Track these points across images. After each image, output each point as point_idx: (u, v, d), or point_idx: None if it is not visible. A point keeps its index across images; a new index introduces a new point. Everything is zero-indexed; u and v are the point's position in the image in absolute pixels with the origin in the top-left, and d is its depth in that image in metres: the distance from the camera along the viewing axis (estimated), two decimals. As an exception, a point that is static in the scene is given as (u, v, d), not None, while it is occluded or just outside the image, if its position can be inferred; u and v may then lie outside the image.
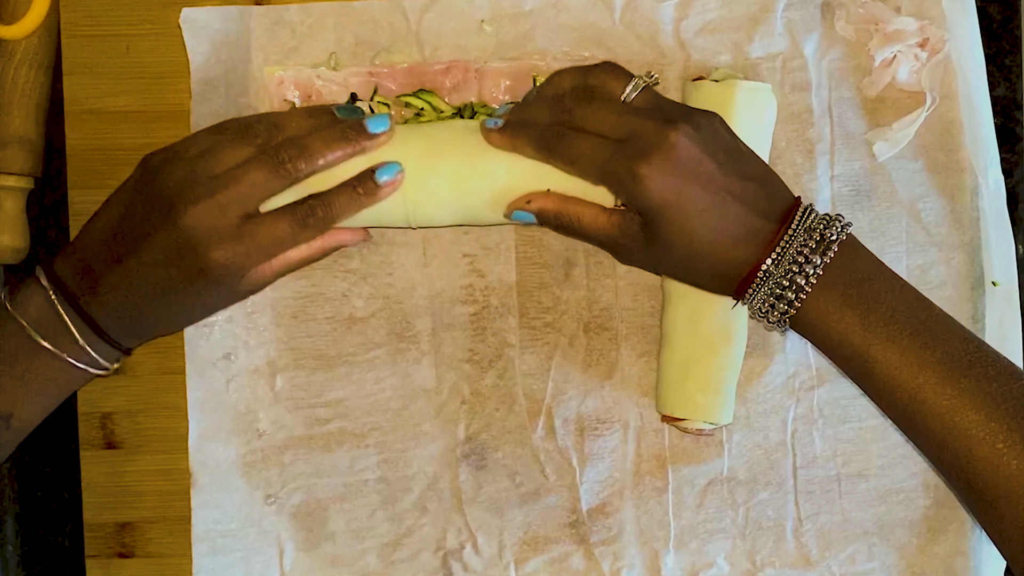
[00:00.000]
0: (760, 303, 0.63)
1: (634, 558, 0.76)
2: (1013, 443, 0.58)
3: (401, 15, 0.75)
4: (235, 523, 0.75)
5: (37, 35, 0.75)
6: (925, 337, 0.61)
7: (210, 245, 0.64)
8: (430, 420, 0.75)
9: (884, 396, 0.62)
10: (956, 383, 0.59)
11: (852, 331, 0.61)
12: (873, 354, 0.61)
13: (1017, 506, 0.58)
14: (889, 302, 0.62)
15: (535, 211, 0.67)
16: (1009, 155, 0.77)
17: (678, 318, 0.72)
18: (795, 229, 0.62)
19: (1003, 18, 0.78)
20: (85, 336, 0.66)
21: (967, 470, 0.59)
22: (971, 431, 0.59)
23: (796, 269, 0.61)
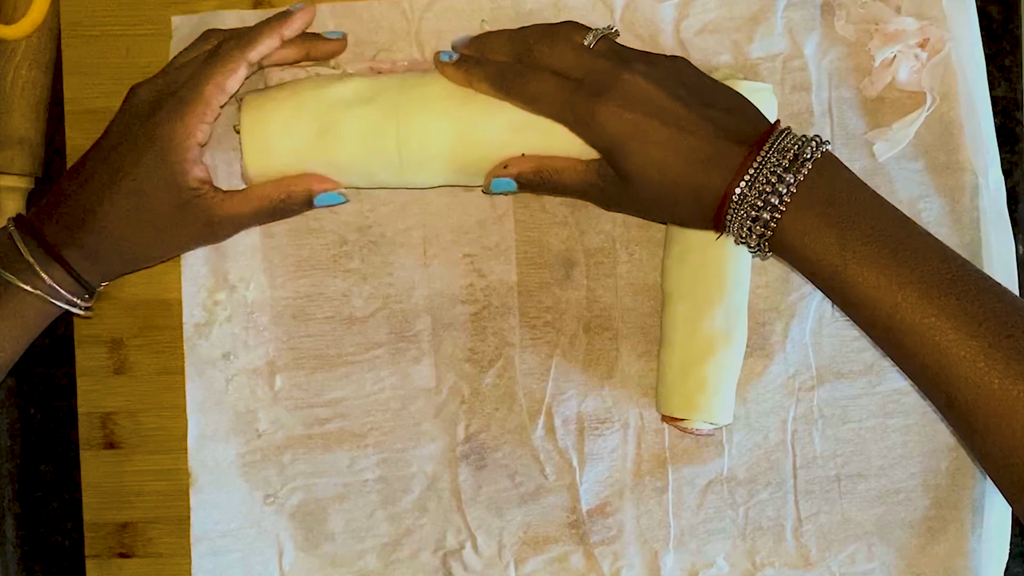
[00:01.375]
0: (739, 228, 0.62)
1: (634, 558, 0.76)
2: (994, 361, 0.57)
3: (401, 15, 0.75)
4: (234, 523, 0.76)
5: (37, 35, 0.75)
6: (905, 255, 0.59)
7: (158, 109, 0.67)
8: (430, 420, 0.75)
9: (864, 316, 0.61)
10: (936, 302, 0.58)
11: (830, 250, 0.60)
12: (851, 273, 0.60)
13: (999, 425, 0.57)
14: (868, 220, 0.61)
15: (514, 175, 0.68)
16: (1009, 155, 0.77)
17: (678, 318, 0.72)
18: (768, 151, 0.61)
19: (1003, 18, 0.78)
20: (45, 267, 0.66)
21: (948, 390, 0.58)
22: (952, 350, 0.57)
23: (769, 189, 0.61)
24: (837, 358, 0.75)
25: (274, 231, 0.75)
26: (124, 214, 0.67)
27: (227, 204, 0.68)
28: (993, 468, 0.59)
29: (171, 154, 0.66)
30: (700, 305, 0.71)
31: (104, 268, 0.69)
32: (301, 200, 0.69)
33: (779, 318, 0.75)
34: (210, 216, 0.68)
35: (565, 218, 0.75)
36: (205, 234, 0.70)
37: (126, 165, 0.66)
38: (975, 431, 0.58)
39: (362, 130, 0.68)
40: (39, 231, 0.67)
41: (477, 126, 0.68)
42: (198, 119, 0.67)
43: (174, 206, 0.67)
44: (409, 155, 0.68)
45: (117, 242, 0.68)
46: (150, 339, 0.76)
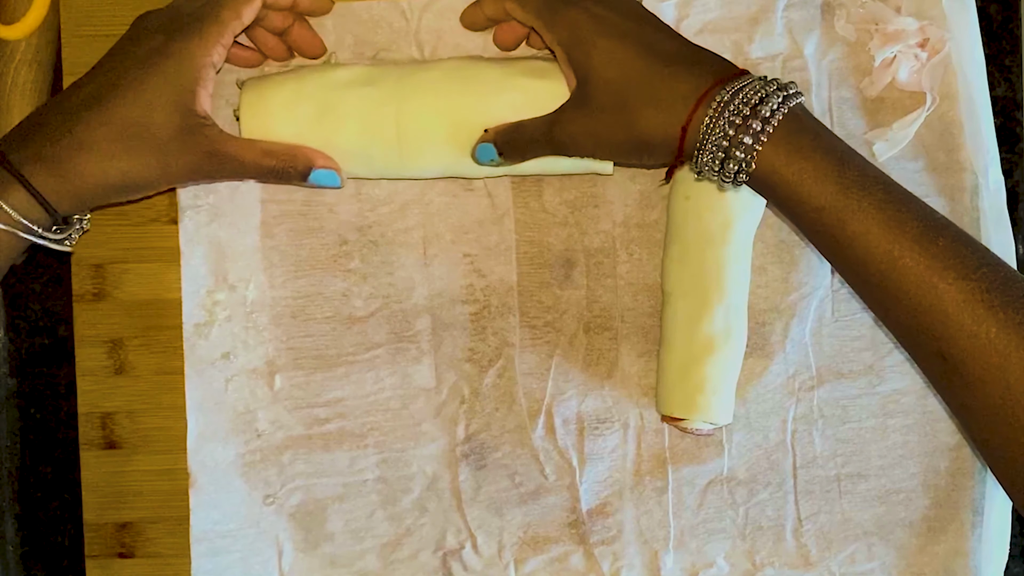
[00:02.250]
0: (712, 150, 0.59)
1: (634, 558, 0.76)
2: (992, 307, 0.55)
3: (400, 15, 0.75)
4: (234, 523, 0.76)
5: (37, 35, 0.75)
6: (899, 195, 0.58)
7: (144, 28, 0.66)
8: (430, 420, 0.75)
9: (857, 255, 0.58)
10: (934, 242, 0.56)
11: (827, 177, 0.57)
12: (850, 203, 0.57)
13: (993, 378, 0.55)
14: (858, 158, 0.59)
15: (491, 139, 0.67)
16: (1009, 155, 0.77)
17: (678, 318, 0.72)
18: (747, 77, 0.60)
19: (1003, 18, 0.78)
20: (5, 194, 0.62)
21: (943, 338, 0.56)
22: (949, 293, 0.55)
23: (759, 100, 0.58)
24: (837, 358, 0.75)
25: (274, 231, 0.75)
26: (118, 127, 0.63)
27: (232, 143, 0.66)
28: (978, 422, 0.57)
29: (186, 71, 0.64)
30: (700, 305, 0.71)
31: (78, 190, 0.64)
32: (301, 169, 0.67)
33: (779, 318, 0.75)
34: (212, 148, 0.65)
35: (565, 218, 0.75)
36: (203, 165, 0.66)
37: (130, 76, 0.64)
38: (966, 383, 0.56)
39: (361, 113, 0.68)
40: (2, 153, 0.63)
41: (476, 109, 0.68)
42: (216, 39, 0.65)
43: (178, 127, 0.65)
44: (408, 139, 0.68)
45: (99, 157, 0.63)
46: (150, 339, 0.76)
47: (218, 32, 0.65)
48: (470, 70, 0.69)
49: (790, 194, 0.59)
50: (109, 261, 0.76)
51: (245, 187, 0.75)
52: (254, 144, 0.67)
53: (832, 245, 0.59)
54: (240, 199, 0.75)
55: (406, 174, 0.72)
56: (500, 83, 0.68)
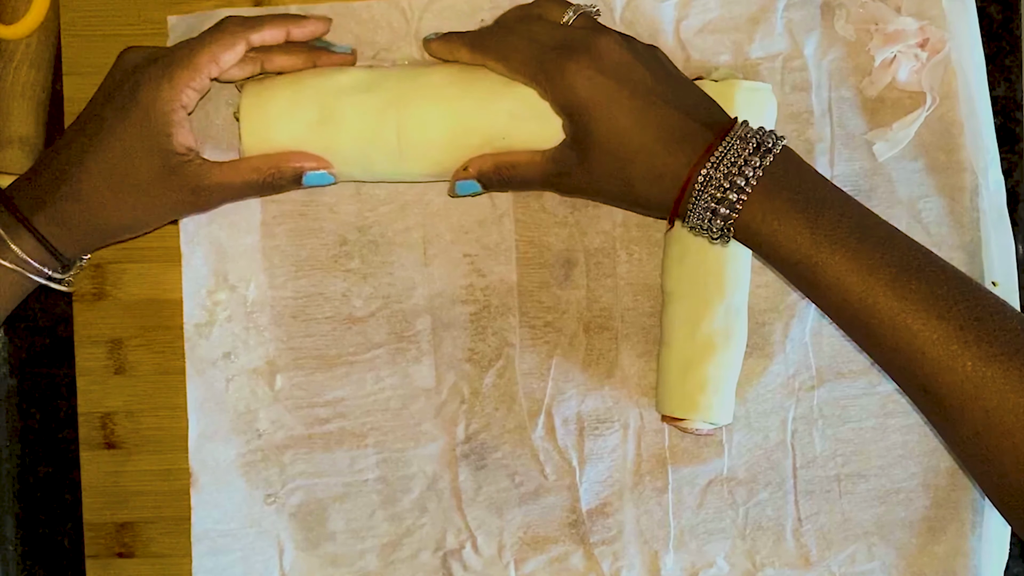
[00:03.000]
0: (701, 212, 0.62)
1: (634, 558, 0.76)
2: (966, 343, 0.57)
3: (401, 15, 0.75)
4: (235, 523, 0.76)
5: (37, 35, 0.75)
6: (874, 241, 0.60)
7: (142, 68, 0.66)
8: (430, 420, 0.75)
9: (834, 302, 0.60)
10: (907, 285, 0.58)
11: (800, 234, 0.60)
12: (822, 257, 0.59)
13: (972, 408, 0.57)
14: (836, 207, 0.61)
15: (474, 175, 0.68)
16: (1009, 155, 0.77)
17: (678, 318, 0.72)
18: (733, 136, 0.61)
19: (1003, 18, 0.78)
20: (14, 237, 0.65)
21: (921, 374, 0.58)
22: (924, 332, 0.57)
23: (736, 171, 0.60)
24: (837, 358, 0.75)
25: (275, 231, 0.75)
26: (104, 177, 0.65)
27: (215, 173, 0.67)
28: (966, 453, 0.59)
29: (155, 114, 0.65)
30: (700, 305, 0.71)
31: (79, 236, 0.67)
32: (290, 177, 0.68)
33: (779, 318, 0.75)
34: (197, 183, 0.66)
35: (565, 218, 0.75)
36: (189, 202, 0.68)
37: (107, 126, 0.65)
38: (949, 417, 0.58)
39: (362, 117, 0.68)
40: (11, 201, 0.65)
41: (476, 115, 0.68)
42: (185, 82, 0.65)
43: (158, 170, 0.65)
44: (408, 143, 0.68)
45: (93, 206, 0.66)
46: (150, 339, 0.76)
47: (188, 77, 0.65)
48: (470, 74, 0.69)
49: (768, 251, 0.62)
50: (109, 261, 0.76)
51: (245, 187, 0.75)
52: (238, 165, 0.68)
53: (813, 294, 0.62)
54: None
55: (406, 178, 0.71)
56: (500, 90, 0.68)
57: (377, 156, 0.69)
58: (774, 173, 0.61)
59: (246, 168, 0.67)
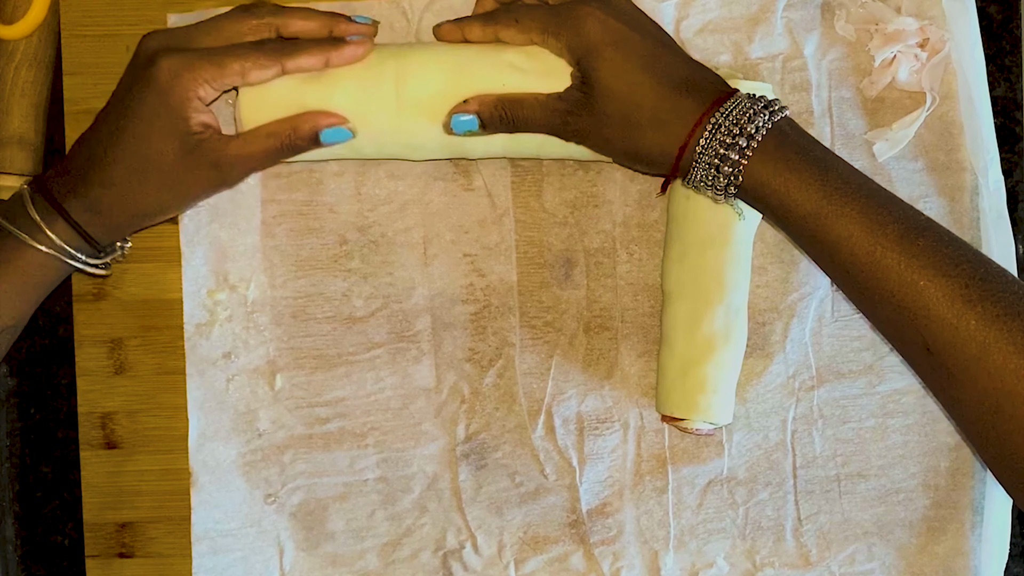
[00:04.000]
0: (705, 165, 0.62)
1: (634, 558, 0.76)
2: (971, 301, 0.57)
3: (401, 15, 0.75)
4: (235, 522, 0.76)
5: (37, 35, 0.75)
6: (881, 199, 0.60)
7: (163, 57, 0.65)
8: (430, 419, 0.76)
9: (841, 258, 0.60)
10: (914, 242, 0.58)
11: (810, 186, 0.60)
12: (833, 210, 0.60)
13: (976, 369, 0.57)
14: (841, 167, 0.61)
15: (475, 108, 0.67)
16: (1009, 155, 0.77)
17: (678, 318, 0.72)
18: (740, 96, 0.62)
19: (1003, 18, 0.78)
20: (50, 223, 0.66)
21: (925, 332, 0.58)
22: (930, 290, 0.58)
23: (747, 120, 0.61)
24: (837, 358, 0.76)
25: (274, 231, 0.75)
26: (129, 164, 0.66)
27: (233, 145, 0.67)
28: (968, 416, 0.59)
29: (173, 99, 0.65)
30: (700, 305, 0.71)
31: (112, 221, 0.68)
32: (307, 136, 0.67)
33: (779, 318, 0.75)
34: (217, 158, 0.67)
35: (565, 218, 0.75)
36: (213, 178, 0.68)
37: (129, 112, 0.66)
38: (951, 376, 0.58)
39: (359, 68, 0.68)
40: (47, 188, 0.67)
41: (477, 65, 0.68)
42: (206, 78, 0.65)
43: (178, 152, 0.66)
44: (406, 94, 0.68)
45: (123, 193, 0.67)
46: (150, 339, 0.76)
47: (211, 75, 0.65)
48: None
49: (778, 204, 0.61)
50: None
51: (245, 187, 0.75)
52: (255, 134, 0.68)
53: (819, 250, 0.62)
54: (240, 199, 0.75)
55: (403, 139, 0.70)
56: (502, 45, 0.68)
57: (374, 108, 0.68)
58: (782, 129, 0.61)
59: (263, 135, 0.67)
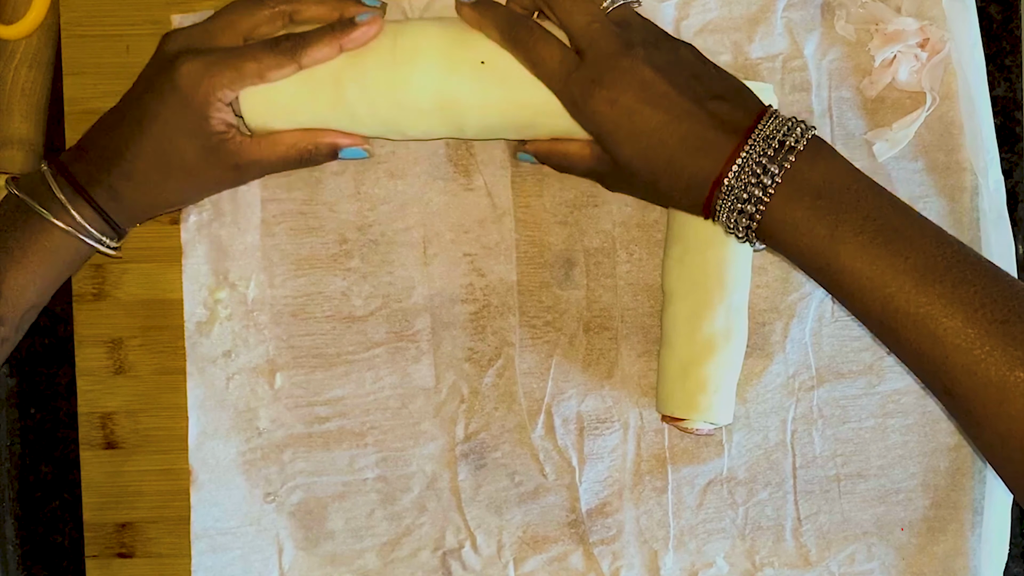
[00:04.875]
0: (727, 217, 0.62)
1: (633, 558, 0.76)
2: (992, 348, 0.56)
3: (401, 15, 0.75)
4: (234, 521, 0.76)
5: (37, 35, 0.75)
6: (898, 244, 0.59)
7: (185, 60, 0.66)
8: (429, 419, 0.76)
9: (857, 306, 0.60)
10: (931, 289, 0.57)
11: (820, 242, 0.60)
12: (843, 264, 0.59)
13: (997, 413, 0.56)
14: (861, 210, 0.60)
15: (532, 152, 0.71)
16: (1009, 155, 0.77)
17: (678, 318, 0.72)
18: (754, 139, 0.61)
19: (1003, 18, 0.78)
20: (74, 204, 0.67)
21: (945, 379, 0.58)
22: (947, 339, 0.57)
23: (754, 180, 0.60)
24: (837, 358, 0.76)
25: (274, 230, 0.75)
26: (151, 159, 0.67)
27: (254, 149, 0.69)
28: (993, 456, 0.58)
29: (194, 103, 0.66)
30: (700, 305, 0.71)
31: (133, 209, 0.70)
32: (327, 152, 0.70)
33: (779, 318, 0.75)
34: (237, 160, 0.69)
35: (565, 218, 0.75)
36: (231, 178, 0.71)
37: (151, 112, 0.67)
38: (974, 420, 0.58)
39: None
40: (68, 171, 0.68)
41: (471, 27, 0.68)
42: (225, 84, 0.66)
43: (200, 150, 0.68)
44: (403, 47, 0.67)
45: (144, 185, 0.68)
46: (150, 339, 0.76)
47: (230, 79, 0.66)
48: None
49: (790, 254, 0.62)
50: (109, 261, 0.76)
51: (245, 186, 0.75)
52: (276, 141, 0.69)
53: (836, 296, 0.62)
54: (241, 198, 0.75)
55: (397, 95, 0.68)
56: None
57: (370, 60, 0.68)
58: (799, 172, 0.60)
59: (285, 144, 0.69)
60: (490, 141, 0.75)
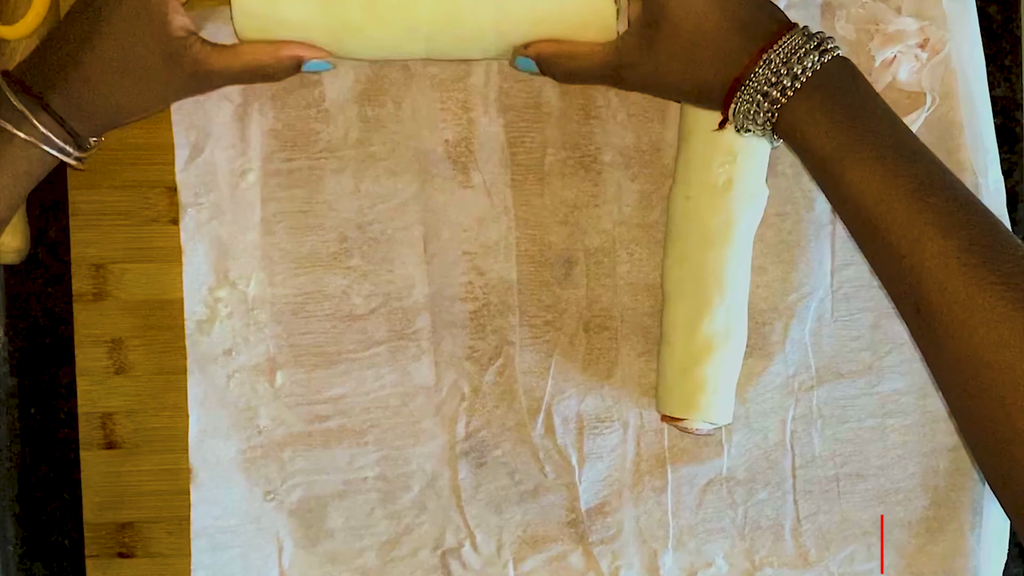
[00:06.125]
0: (748, 104, 0.63)
1: (633, 557, 0.76)
2: (966, 265, 0.56)
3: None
4: (234, 519, 0.76)
5: (37, 35, 0.75)
6: (905, 153, 0.60)
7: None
8: (429, 418, 0.76)
9: (854, 206, 0.61)
10: (924, 199, 0.58)
11: (835, 131, 0.61)
12: (850, 156, 0.60)
13: (959, 334, 0.56)
14: (876, 117, 0.61)
15: (533, 55, 0.68)
16: (1009, 155, 0.77)
17: (678, 318, 0.72)
18: (798, 30, 0.63)
19: (1003, 18, 0.78)
20: (35, 113, 0.65)
21: (917, 291, 0.58)
22: (927, 246, 0.57)
23: (796, 60, 0.61)
24: (837, 358, 0.76)
25: (274, 229, 0.75)
26: (108, 64, 0.66)
27: (215, 57, 0.67)
28: (947, 383, 0.58)
29: (151, 2, 0.65)
30: (700, 305, 0.71)
31: (92, 117, 0.68)
32: (289, 65, 0.68)
33: (779, 318, 0.75)
34: (197, 69, 0.67)
35: (565, 217, 0.75)
36: (191, 86, 0.69)
37: (104, 15, 0.65)
38: (936, 338, 0.58)
39: None
40: (24, 81, 0.66)
41: None
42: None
43: (160, 56, 0.66)
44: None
45: (102, 92, 0.66)
46: (150, 339, 0.76)
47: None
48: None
49: (803, 144, 0.62)
50: (109, 261, 0.76)
51: (245, 185, 0.75)
52: (238, 52, 0.68)
53: (833, 193, 0.62)
54: (240, 196, 0.75)
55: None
56: None
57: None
58: (829, 72, 0.62)
59: (246, 55, 0.68)
60: (489, 140, 0.75)
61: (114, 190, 0.75)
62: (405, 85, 0.75)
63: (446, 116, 0.75)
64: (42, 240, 0.77)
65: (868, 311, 0.75)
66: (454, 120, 0.75)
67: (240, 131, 0.74)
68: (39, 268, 0.78)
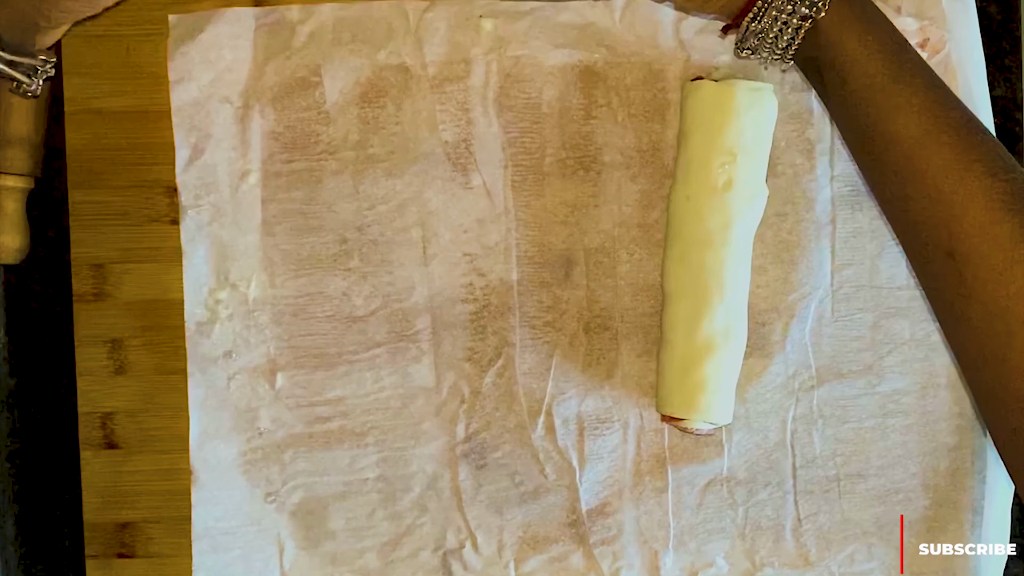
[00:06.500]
0: (779, 10, 0.61)
1: (633, 558, 0.76)
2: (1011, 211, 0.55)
3: (401, 14, 0.75)
4: (235, 520, 0.76)
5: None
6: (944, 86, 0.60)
7: None
8: (430, 419, 0.76)
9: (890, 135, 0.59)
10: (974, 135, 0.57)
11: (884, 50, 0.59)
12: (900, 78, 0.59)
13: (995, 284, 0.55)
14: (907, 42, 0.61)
15: None
16: (1009, 155, 0.77)
17: (678, 318, 0.72)
18: None
19: (1003, 18, 0.78)
20: None
21: (953, 233, 0.56)
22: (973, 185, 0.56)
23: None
24: (837, 358, 0.76)
25: (274, 230, 0.75)
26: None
27: None
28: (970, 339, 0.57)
29: None
30: (700, 305, 0.71)
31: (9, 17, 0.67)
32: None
33: (779, 318, 0.75)
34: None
35: (565, 218, 0.75)
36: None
37: None
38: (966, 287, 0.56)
39: None
40: None
41: None
42: None
43: None
44: None
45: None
46: (150, 339, 0.76)
47: None
48: None
49: (845, 63, 0.60)
50: (109, 261, 0.76)
51: (246, 187, 0.75)
52: None
53: (869, 119, 0.60)
54: (241, 198, 0.75)
55: None
56: None
57: None
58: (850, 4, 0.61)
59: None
60: (489, 141, 0.75)
61: (114, 190, 0.75)
62: (405, 87, 0.75)
63: (445, 117, 0.75)
64: (42, 240, 0.77)
65: (868, 311, 0.75)
66: (453, 121, 0.75)
67: (240, 133, 0.74)
68: (39, 268, 0.78)
